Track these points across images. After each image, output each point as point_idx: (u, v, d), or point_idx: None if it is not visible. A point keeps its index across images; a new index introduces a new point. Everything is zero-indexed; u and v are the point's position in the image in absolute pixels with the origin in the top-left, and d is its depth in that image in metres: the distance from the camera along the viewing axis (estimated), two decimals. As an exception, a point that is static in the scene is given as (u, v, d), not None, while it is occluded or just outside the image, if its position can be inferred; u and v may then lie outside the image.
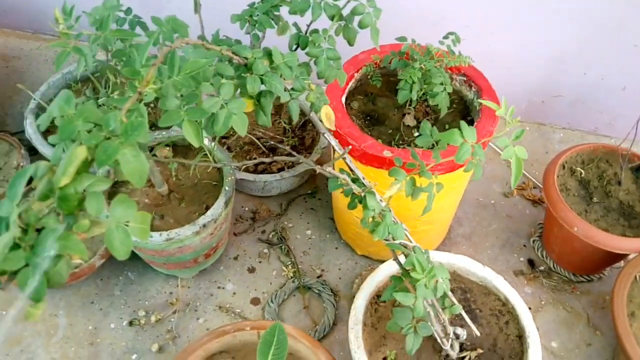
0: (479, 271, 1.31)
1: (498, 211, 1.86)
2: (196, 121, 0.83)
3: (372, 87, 1.51)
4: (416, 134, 1.43)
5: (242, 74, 0.91)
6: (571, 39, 1.82)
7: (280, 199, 1.86)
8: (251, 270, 1.68)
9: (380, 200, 0.97)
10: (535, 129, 2.12)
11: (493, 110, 1.35)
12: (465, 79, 1.48)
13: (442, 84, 1.33)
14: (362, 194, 0.92)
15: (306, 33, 1.06)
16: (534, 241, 1.76)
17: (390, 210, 0.96)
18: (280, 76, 0.91)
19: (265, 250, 1.73)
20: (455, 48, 1.39)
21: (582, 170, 1.60)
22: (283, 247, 1.73)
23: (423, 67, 1.35)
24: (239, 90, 0.92)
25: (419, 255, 0.96)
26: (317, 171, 0.92)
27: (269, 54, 0.91)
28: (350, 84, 1.50)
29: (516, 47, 1.88)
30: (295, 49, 1.06)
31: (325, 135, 0.96)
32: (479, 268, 1.31)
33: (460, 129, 0.88)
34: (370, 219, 0.92)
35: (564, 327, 1.58)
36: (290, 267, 1.68)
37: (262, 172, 1.78)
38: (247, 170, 1.77)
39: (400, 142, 1.42)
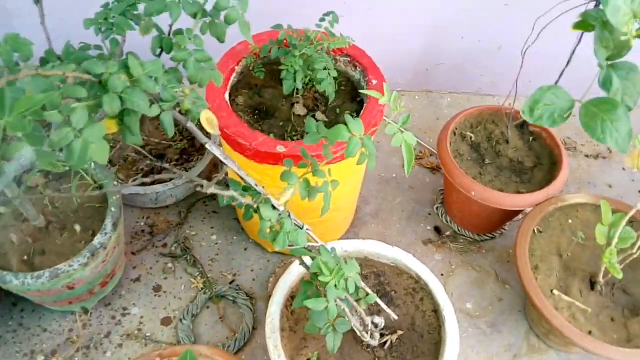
0: (389, 252, 1.30)
1: (400, 184, 1.87)
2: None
3: (256, 78, 1.43)
4: (307, 122, 1.38)
5: (99, 93, 0.80)
6: (446, 4, 1.84)
7: (178, 207, 1.74)
8: (157, 288, 1.57)
9: (277, 205, 0.90)
10: (424, 96, 2.15)
11: (382, 84, 1.32)
12: (349, 59, 1.44)
13: (325, 68, 1.28)
14: (256, 205, 0.85)
15: (169, 34, 0.95)
16: (437, 208, 1.80)
17: (289, 215, 0.90)
18: (145, 90, 0.81)
19: (170, 265, 1.62)
20: (336, 29, 1.34)
21: (472, 134, 1.64)
22: (188, 257, 1.63)
23: (304, 53, 1.29)
24: (98, 111, 0.81)
25: (325, 256, 0.92)
26: (204, 190, 0.84)
27: (125, 66, 0.80)
28: (232, 78, 1.41)
29: (395, 18, 1.88)
30: (160, 54, 0.95)
31: (207, 146, 0.87)
32: (389, 249, 1.30)
33: (345, 123, 0.83)
34: (268, 230, 0.86)
35: (475, 286, 1.64)
36: (198, 277, 1.59)
37: (153, 182, 1.65)
38: (136, 182, 1.64)
39: (293, 132, 1.36)
